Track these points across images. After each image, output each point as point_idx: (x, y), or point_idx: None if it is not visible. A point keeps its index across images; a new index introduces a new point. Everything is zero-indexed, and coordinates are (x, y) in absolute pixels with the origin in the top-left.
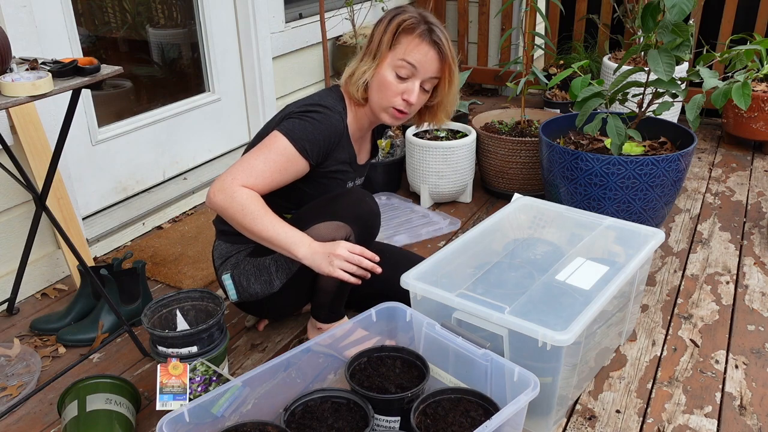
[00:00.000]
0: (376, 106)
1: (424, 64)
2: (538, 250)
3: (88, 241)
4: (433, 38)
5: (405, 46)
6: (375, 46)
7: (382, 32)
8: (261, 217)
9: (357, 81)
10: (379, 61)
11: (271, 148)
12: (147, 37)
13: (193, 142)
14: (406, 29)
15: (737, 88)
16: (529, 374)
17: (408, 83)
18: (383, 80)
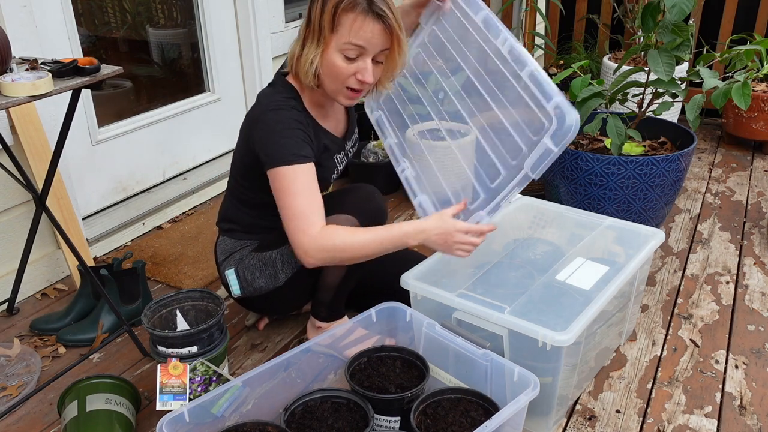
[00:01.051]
0: (329, 90)
1: (371, 41)
2: (538, 250)
3: (88, 241)
4: (375, 11)
5: (348, 26)
6: (316, 29)
7: (320, 13)
8: (364, 235)
9: (306, 70)
10: (323, 46)
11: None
12: (147, 37)
13: (193, 142)
14: (345, 8)
15: (737, 88)
16: (529, 374)
17: (359, 62)
18: (332, 65)
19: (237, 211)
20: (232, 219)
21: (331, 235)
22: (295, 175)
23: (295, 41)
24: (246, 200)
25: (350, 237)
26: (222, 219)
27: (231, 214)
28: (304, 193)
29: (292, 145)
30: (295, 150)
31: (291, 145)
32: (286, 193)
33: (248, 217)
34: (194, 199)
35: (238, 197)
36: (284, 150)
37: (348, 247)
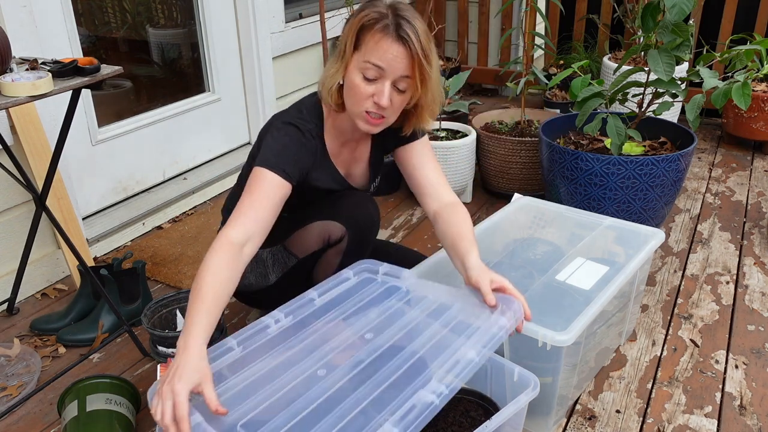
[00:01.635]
0: (350, 112)
1: (390, 63)
2: (538, 250)
3: (88, 241)
4: (400, 33)
5: (369, 44)
6: (342, 47)
7: (347, 31)
8: (205, 276)
9: (327, 86)
10: (345, 63)
11: (254, 183)
12: (147, 37)
13: (193, 142)
14: (367, 26)
15: (737, 88)
16: (529, 374)
17: (377, 85)
18: (351, 84)
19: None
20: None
21: (213, 253)
22: (263, 179)
23: (328, 61)
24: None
25: (201, 269)
26: (227, 208)
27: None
28: (256, 197)
29: (283, 157)
30: (282, 162)
31: (282, 156)
32: (246, 191)
33: None
34: (194, 199)
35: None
36: (274, 156)
37: (201, 270)
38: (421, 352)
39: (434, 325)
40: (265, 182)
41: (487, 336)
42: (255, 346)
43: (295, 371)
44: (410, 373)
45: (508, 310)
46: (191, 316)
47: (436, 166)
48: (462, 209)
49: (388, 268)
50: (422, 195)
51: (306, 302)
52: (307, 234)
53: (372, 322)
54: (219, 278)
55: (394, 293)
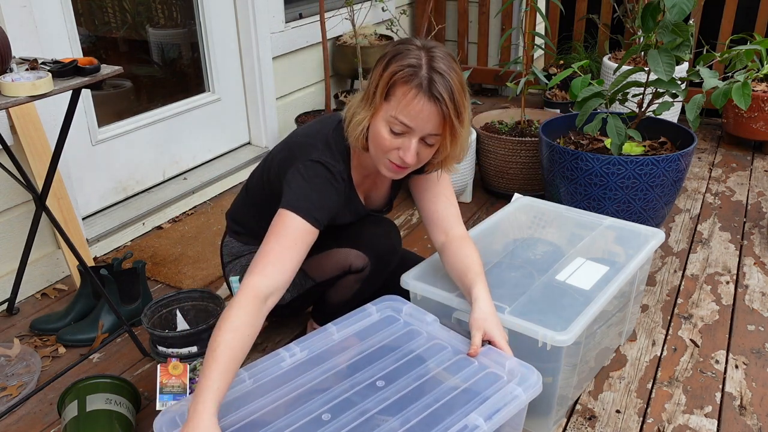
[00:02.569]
0: (373, 157)
1: (420, 122)
2: (538, 250)
3: (88, 241)
4: (432, 92)
5: (399, 100)
6: (371, 92)
7: (378, 76)
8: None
9: (355, 131)
10: (373, 111)
11: (280, 228)
12: (147, 37)
13: (193, 142)
14: (402, 79)
15: (737, 88)
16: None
17: (404, 139)
18: (377, 133)
19: (248, 213)
20: (242, 221)
21: (237, 305)
22: (294, 226)
23: (356, 97)
24: (261, 206)
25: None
26: (232, 216)
27: (242, 215)
28: (283, 245)
29: (315, 202)
30: (313, 208)
31: (313, 201)
32: (272, 234)
33: (258, 226)
34: (194, 199)
35: (253, 200)
36: (306, 201)
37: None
38: (430, 410)
39: (449, 382)
40: (296, 230)
41: (500, 405)
42: (266, 379)
43: (301, 412)
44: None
45: (525, 381)
46: (205, 377)
47: (450, 197)
48: (470, 243)
49: (412, 309)
50: (432, 225)
51: (324, 336)
52: (328, 260)
53: (386, 368)
54: (238, 335)
55: (414, 338)
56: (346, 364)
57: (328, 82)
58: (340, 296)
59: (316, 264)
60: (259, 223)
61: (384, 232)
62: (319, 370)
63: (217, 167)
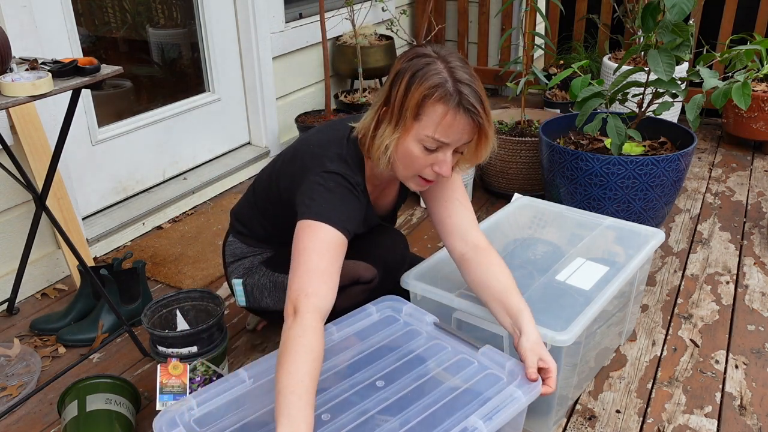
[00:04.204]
0: (400, 175)
1: (457, 137)
2: (538, 250)
3: (88, 241)
4: (466, 106)
5: (435, 120)
6: (395, 112)
7: (403, 96)
8: (301, 361)
9: (379, 155)
10: (401, 132)
11: (319, 243)
12: (147, 37)
13: (193, 142)
14: (435, 99)
15: (737, 88)
16: None
17: (438, 154)
18: (408, 153)
19: (252, 218)
20: (246, 223)
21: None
22: (332, 241)
23: (370, 113)
24: (267, 210)
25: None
26: (237, 216)
27: (247, 217)
28: (332, 264)
29: (345, 213)
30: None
31: (343, 212)
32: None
33: (262, 229)
34: (194, 199)
35: (260, 203)
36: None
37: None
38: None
39: (449, 382)
40: (332, 242)
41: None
42: (266, 379)
43: None
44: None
45: (525, 383)
46: (298, 409)
47: (462, 200)
48: (495, 255)
49: (412, 309)
50: (446, 233)
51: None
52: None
53: (386, 368)
54: (318, 363)
55: (414, 338)
56: (345, 364)
57: (328, 82)
58: (344, 304)
59: None
60: (265, 228)
61: (392, 243)
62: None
63: (217, 167)
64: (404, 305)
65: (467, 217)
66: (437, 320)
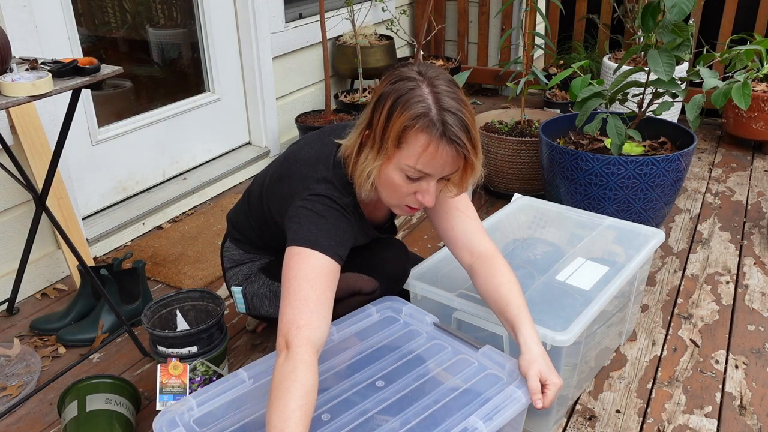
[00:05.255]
0: (385, 201)
1: (439, 168)
2: (538, 250)
3: (88, 241)
4: (450, 137)
5: (416, 150)
6: (378, 137)
7: (384, 123)
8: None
9: (362, 181)
10: (383, 159)
11: (309, 270)
12: (147, 37)
13: (193, 142)
14: (417, 129)
15: (737, 88)
16: None
17: (422, 183)
18: (391, 181)
19: (248, 227)
20: (241, 231)
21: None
22: (324, 269)
23: (354, 134)
24: (260, 222)
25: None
26: (233, 222)
27: (242, 226)
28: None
29: (336, 238)
30: (335, 245)
31: (334, 237)
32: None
33: (259, 238)
34: (194, 199)
35: (252, 215)
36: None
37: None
38: (430, 411)
39: (449, 383)
40: (324, 270)
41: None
42: (266, 379)
43: None
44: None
45: (524, 383)
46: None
47: (466, 211)
48: (501, 263)
49: (412, 310)
50: (452, 245)
51: None
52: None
53: (386, 368)
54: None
55: (414, 338)
56: (346, 364)
57: (328, 82)
58: (343, 310)
59: None
60: (261, 237)
61: (394, 256)
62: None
63: (217, 167)
64: (404, 305)
65: (470, 226)
66: (437, 320)
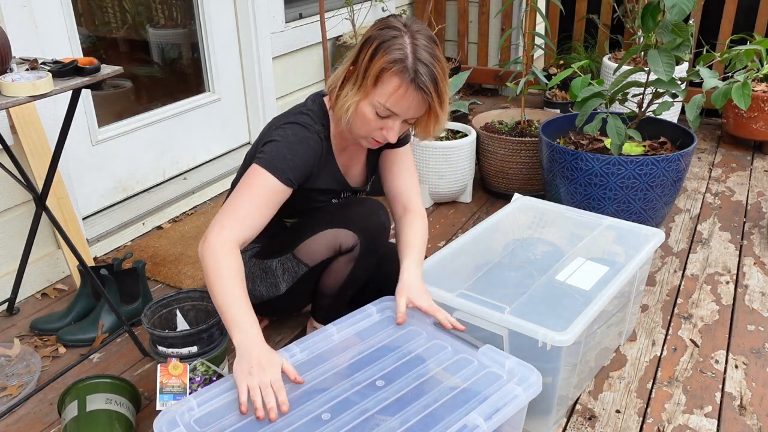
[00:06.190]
0: (355, 133)
1: (405, 110)
2: (538, 250)
3: (88, 241)
4: (419, 84)
5: (389, 90)
6: (360, 74)
7: (368, 62)
8: (227, 281)
9: (342, 113)
10: (362, 95)
11: (253, 184)
12: (147, 37)
13: (193, 142)
14: (393, 71)
15: (737, 88)
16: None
17: (388, 121)
18: (363, 115)
19: None
20: None
21: (218, 257)
22: (265, 183)
23: (340, 69)
24: None
25: (216, 276)
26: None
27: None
28: (256, 203)
29: (289, 161)
30: (288, 168)
31: (288, 160)
32: (245, 189)
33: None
34: (194, 199)
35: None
36: (281, 160)
37: (208, 279)
38: (430, 410)
39: (448, 382)
40: (269, 189)
41: (499, 404)
42: None
43: (300, 412)
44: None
45: (524, 381)
46: (237, 321)
47: (412, 171)
48: (421, 218)
49: (412, 309)
50: (394, 200)
51: (323, 337)
52: (318, 242)
53: (386, 368)
54: (240, 277)
55: (414, 338)
56: (346, 364)
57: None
58: (333, 281)
59: (307, 247)
60: None
61: (370, 210)
62: (319, 370)
63: (217, 167)
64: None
65: (414, 187)
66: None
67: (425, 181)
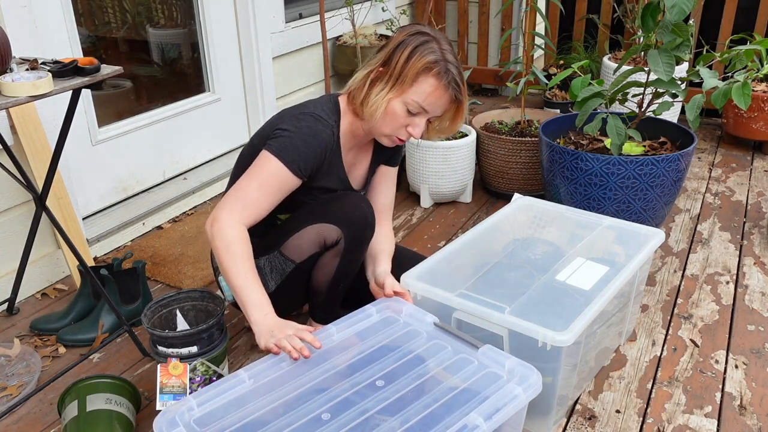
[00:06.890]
0: (378, 130)
1: (436, 108)
2: (538, 250)
3: (88, 241)
4: (451, 83)
5: (427, 90)
6: (394, 75)
7: (404, 62)
8: (240, 263)
9: (372, 111)
10: (396, 93)
11: (263, 170)
12: (147, 37)
13: (193, 142)
14: (433, 73)
15: (737, 88)
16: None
17: (416, 118)
18: (393, 112)
19: None
20: None
21: (229, 240)
22: (275, 171)
23: (364, 71)
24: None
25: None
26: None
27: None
28: (265, 190)
29: (302, 152)
30: (300, 158)
31: (300, 152)
32: (253, 172)
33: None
34: (194, 199)
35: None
36: (293, 150)
37: (221, 261)
38: (430, 410)
39: (448, 381)
40: (278, 178)
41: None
42: (266, 379)
43: (300, 412)
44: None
45: (524, 381)
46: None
47: (393, 188)
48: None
49: (412, 309)
50: (377, 211)
51: (323, 337)
52: (303, 239)
53: (386, 368)
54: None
55: (414, 338)
56: (345, 364)
57: (328, 82)
58: (323, 276)
59: (292, 244)
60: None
61: (353, 203)
62: (318, 370)
63: (217, 167)
64: (404, 306)
65: (391, 202)
66: (437, 320)
67: (425, 181)
